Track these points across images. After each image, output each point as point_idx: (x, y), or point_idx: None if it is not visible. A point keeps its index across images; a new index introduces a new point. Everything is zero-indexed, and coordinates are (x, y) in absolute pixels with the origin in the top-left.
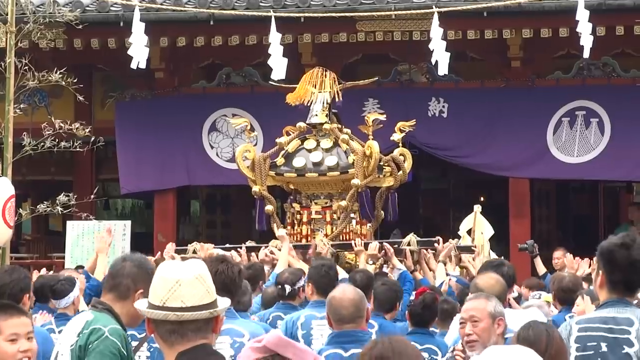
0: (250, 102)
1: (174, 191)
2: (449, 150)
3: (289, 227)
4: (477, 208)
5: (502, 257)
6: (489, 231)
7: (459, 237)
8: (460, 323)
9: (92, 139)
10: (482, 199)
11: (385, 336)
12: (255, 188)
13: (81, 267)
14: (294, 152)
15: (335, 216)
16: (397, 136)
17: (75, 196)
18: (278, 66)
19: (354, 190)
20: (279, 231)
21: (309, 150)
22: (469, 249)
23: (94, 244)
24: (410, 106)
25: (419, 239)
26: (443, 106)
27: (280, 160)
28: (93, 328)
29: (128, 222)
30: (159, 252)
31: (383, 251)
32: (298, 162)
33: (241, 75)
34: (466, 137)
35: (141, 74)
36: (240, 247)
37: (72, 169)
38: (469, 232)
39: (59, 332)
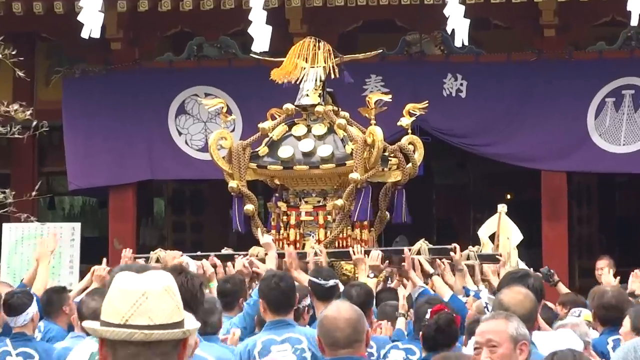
0: (227, 79)
1: (133, 187)
2: (468, 137)
3: (273, 232)
4: (502, 208)
5: (532, 269)
6: (517, 236)
7: (479, 243)
8: (475, 348)
9: (34, 123)
10: (508, 196)
11: None
12: (233, 183)
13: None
14: (280, 140)
15: (329, 218)
16: (405, 121)
17: (13, 193)
18: (260, 36)
19: (353, 186)
20: (264, 237)
21: (298, 138)
22: (492, 258)
23: (36, 251)
24: (421, 84)
25: (430, 246)
26: (461, 84)
27: (263, 150)
28: None
29: (77, 225)
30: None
31: (386, 262)
32: (285, 152)
33: (216, 46)
34: (489, 121)
35: (94, 45)
36: (216, 256)
37: (9, 160)
38: (492, 237)
39: (17, 355)
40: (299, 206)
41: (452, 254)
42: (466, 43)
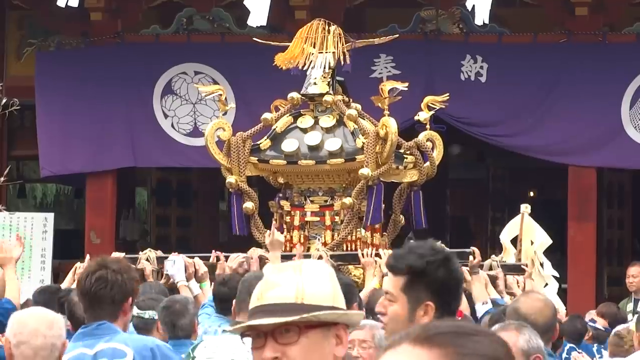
0: (219, 56)
1: (113, 175)
2: (488, 126)
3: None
4: (526, 208)
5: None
6: (544, 240)
7: (497, 245)
8: None
9: (3, 101)
10: (531, 194)
11: None
12: (231, 179)
13: None
14: (284, 133)
15: (337, 219)
16: (424, 115)
17: None
18: (258, 8)
19: (363, 183)
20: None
21: (304, 130)
22: (517, 269)
23: (4, 244)
24: (436, 66)
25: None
26: (481, 67)
27: (265, 143)
28: None
29: (50, 215)
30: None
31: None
32: (289, 145)
33: (208, 19)
34: (511, 109)
35: (72, 15)
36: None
37: None
38: (514, 240)
39: None
40: (304, 206)
41: (471, 257)
42: (487, 21)
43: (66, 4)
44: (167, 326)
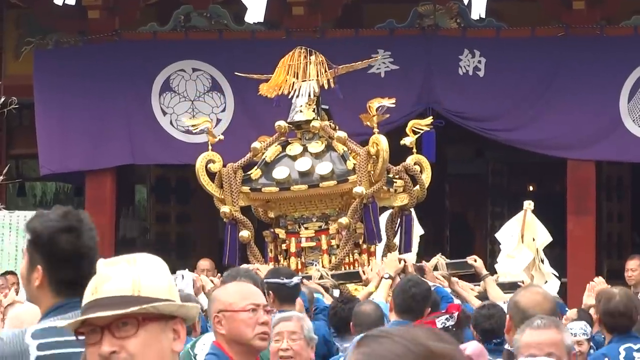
0: (217, 53)
1: (112, 172)
2: (486, 121)
3: (271, 264)
4: (529, 205)
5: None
6: (544, 237)
7: (498, 243)
8: None
9: (2, 100)
10: (530, 188)
11: None
12: (225, 208)
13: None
14: (274, 162)
15: (333, 242)
16: (409, 140)
17: None
18: (255, 4)
19: (358, 201)
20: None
21: (294, 158)
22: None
23: (4, 242)
24: (434, 61)
25: (448, 260)
26: (479, 61)
27: (255, 173)
28: None
29: None
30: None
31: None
32: (280, 172)
33: (205, 16)
34: (509, 103)
35: (69, 13)
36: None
37: None
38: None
39: None
40: (298, 232)
41: (472, 262)
42: (484, 16)
43: (63, 2)
44: None
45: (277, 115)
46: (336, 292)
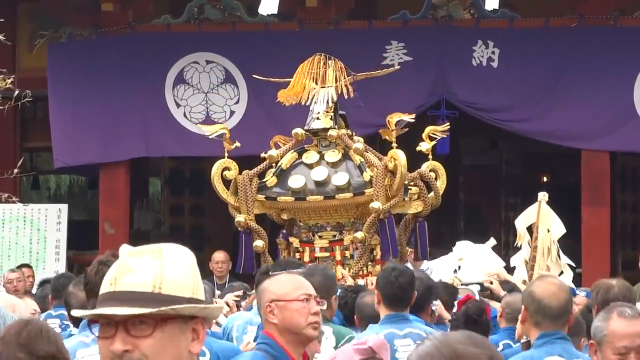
0: (231, 45)
1: (126, 165)
2: (500, 112)
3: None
4: (543, 196)
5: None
6: (559, 228)
7: (511, 231)
8: (620, 354)
9: (16, 93)
10: (544, 179)
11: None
12: (240, 217)
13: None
14: (290, 169)
15: (347, 253)
16: (425, 146)
17: None
18: None
19: (374, 216)
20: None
21: (310, 166)
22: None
23: (18, 235)
24: (448, 52)
25: (462, 281)
26: (493, 52)
27: (271, 180)
28: None
29: (64, 207)
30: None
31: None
32: (296, 181)
33: (218, 8)
34: (523, 94)
35: (83, 6)
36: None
37: None
38: (530, 228)
39: None
40: (312, 241)
41: (488, 285)
42: (497, 7)
43: None
44: None
45: (291, 107)
46: None
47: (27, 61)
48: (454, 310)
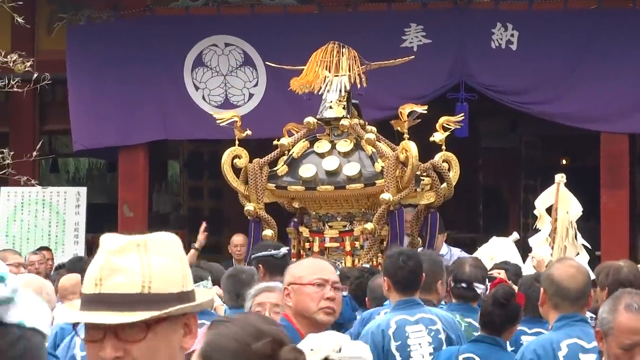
0: (250, 28)
1: (145, 148)
2: (520, 94)
3: (294, 260)
4: (561, 178)
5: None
6: (577, 209)
7: (530, 214)
8: (625, 349)
9: (35, 76)
10: (563, 162)
11: None
12: (250, 206)
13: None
14: (301, 158)
15: (357, 244)
16: (439, 136)
17: (12, 153)
18: None
19: (384, 208)
20: None
21: (321, 155)
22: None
23: (37, 218)
24: (466, 35)
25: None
26: (512, 34)
27: (282, 169)
28: None
29: (83, 190)
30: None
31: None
32: (306, 171)
33: None
34: (542, 76)
35: None
36: None
37: (7, 117)
38: (549, 210)
39: None
40: (322, 231)
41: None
42: None
43: None
44: (231, 295)
45: (309, 93)
46: None
47: (45, 44)
48: (486, 292)
